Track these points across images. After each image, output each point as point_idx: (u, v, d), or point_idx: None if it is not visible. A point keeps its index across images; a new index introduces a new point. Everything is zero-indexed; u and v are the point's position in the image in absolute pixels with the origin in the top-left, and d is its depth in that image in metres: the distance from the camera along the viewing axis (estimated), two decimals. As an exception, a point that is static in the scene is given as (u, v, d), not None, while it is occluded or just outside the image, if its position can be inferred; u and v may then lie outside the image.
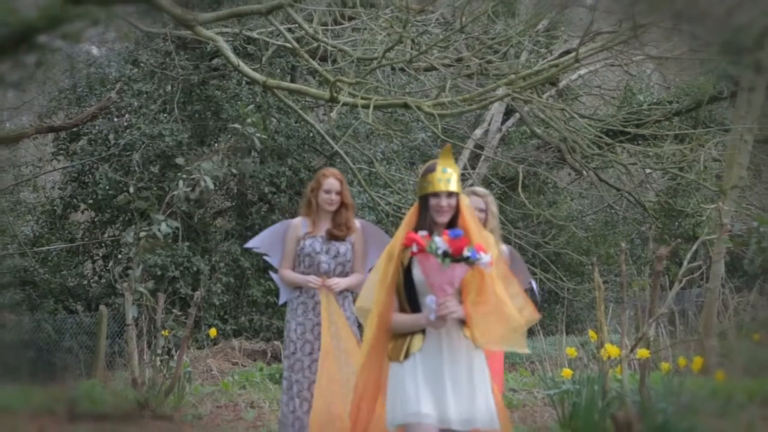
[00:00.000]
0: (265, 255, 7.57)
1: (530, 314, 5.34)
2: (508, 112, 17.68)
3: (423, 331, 5.10)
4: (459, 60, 12.88)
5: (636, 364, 9.05)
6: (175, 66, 13.43)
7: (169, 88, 13.91)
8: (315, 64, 11.28)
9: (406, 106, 10.63)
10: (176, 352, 9.30)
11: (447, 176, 5.18)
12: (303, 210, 7.48)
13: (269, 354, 12.64)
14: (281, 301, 7.58)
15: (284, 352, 7.33)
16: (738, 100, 14.20)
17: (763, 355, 12.65)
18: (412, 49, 11.64)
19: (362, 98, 10.40)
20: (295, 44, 11.09)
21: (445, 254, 4.82)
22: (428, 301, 4.92)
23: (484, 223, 6.83)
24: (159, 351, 9.14)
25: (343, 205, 7.31)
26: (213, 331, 10.96)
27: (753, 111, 13.88)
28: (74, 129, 13.97)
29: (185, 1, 10.13)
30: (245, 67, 10.67)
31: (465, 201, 5.31)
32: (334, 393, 6.86)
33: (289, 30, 11.45)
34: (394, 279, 5.15)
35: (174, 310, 11.37)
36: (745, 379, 10.71)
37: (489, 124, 17.68)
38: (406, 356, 5.08)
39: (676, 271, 10.54)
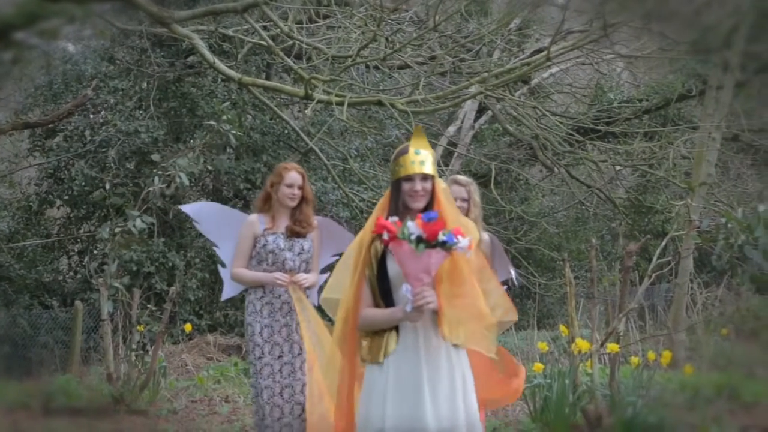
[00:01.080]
0: (214, 245, 7.26)
1: (505, 314, 4.99)
2: (481, 110, 17.80)
3: (396, 330, 4.68)
4: (432, 58, 12.98)
5: (606, 359, 9.19)
6: (150, 63, 13.46)
7: (144, 85, 13.93)
8: (290, 61, 11.34)
9: (380, 103, 10.70)
10: (151, 347, 9.34)
11: (421, 158, 4.77)
12: (259, 205, 7.07)
13: (244, 349, 12.69)
14: (225, 297, 7.40)
15: (250, 358, 6.97)
16: (706, 98, 14.40)
17: (730, 349, 12.84)
18: (386, 47, 11.72)
19: (337, 95, 10.48)
20: (271, 42, 11.16)
21: (419, 239, 4.40)
22: (403, 290, 4.49)
23: (467, 212, 6.51)
24: (134, 346, 9.19)
25: (303, 200, 6.98)
26: (188, 327, 11.02)
27: (721, 109, 14.06)
28: (50, 125, 13.95)
29: (160, -1, 10.18)
30: (221, 65, 10.73)
31: (441, 185, 4.89)
32: (329, 402, 6.28)
33: (265, 28, 11.52)
34: (364, 270, 4.74)
35: (149, 306, 11.43)
36: (712, 373, 10.88)
37: (462, 122, 17.79)
38: (385, 356, 4.64)
39: (645, 267, 10.69)
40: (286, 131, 14.09)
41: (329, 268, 7.62)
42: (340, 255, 7.70)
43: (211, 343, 12.75)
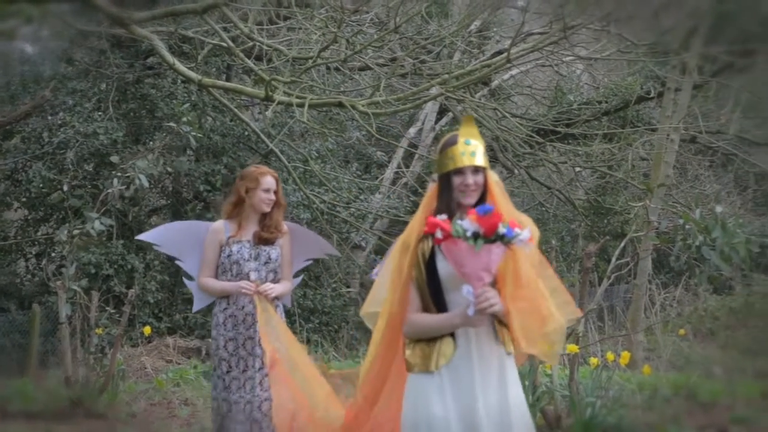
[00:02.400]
0: (177, 260, 6.94)
1: (572, 312, 4.52)
2: (442, 112, 17.85)
3: (452, 337, 4.29)
4: (393, 60, 12.99)
5: (565, 359, 9.23)
6: (110, 64, 13.38)
7: (103, 86, 13.83)
8: (250, 63, 11.31)
9: (340, 105, 10.70)
10: (110, 350, 9.28)
11: (471, 148, 4.36)
12: (227, 211, 6.81)
13: (204, 351, 12.66)
14: (196, 308, 7.07)
15: (214, 372, 6.70)
16: (664, 100, 14.54)
17: (688, 349, 12.94)
18: (346, 48, 11.73)
19: (297, 97, 10.47)
20: (231, 43, 11.13)
21: (476, 235, 4.02)
22: (465, 292, 4.06)
23: None
24: (92, 349, 9.12)
25: (276, 204, 6.76)
26: (147, 329, 10.96)
27: (679, 111, 14.21)
28: (7, 127, 13.83)
29: (120, 0, 10.12)
30: (180, 66, 10.68)
31: (493, 177, 4.50)
32: (295, 402, 6.08)
33: (225, 29, 11.49)
34: (411, 272, 4.34)
35: (108, 308, 11.35)
36: (670, 373, 10.97)
37: (423, 123, 17.83)
38: (437, 366, 4.26)
39: (604, 268, 10.75)
40: (246, 133, 14.05)
41: (304, 271, 7.54)
42: (312, 260, 7.47)
43: (170, 346, 12.69)
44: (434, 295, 4.29)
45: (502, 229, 4.02)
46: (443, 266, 4.25)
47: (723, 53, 13.26)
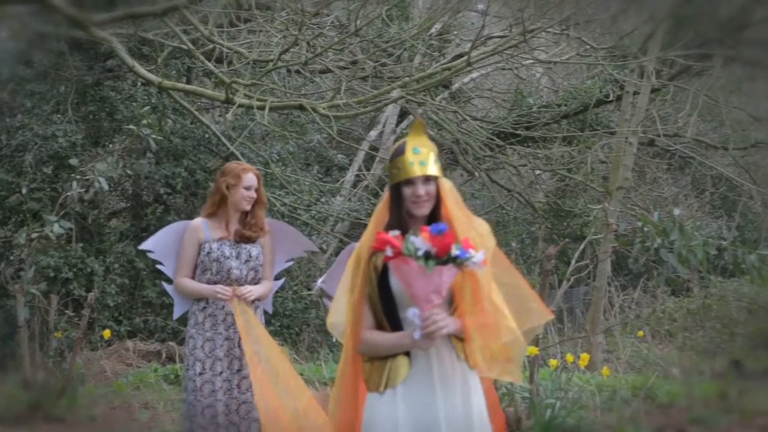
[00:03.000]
0: (159, 263, 6.72)
1: (540, 317, 4.35)
2: (403, 114, 17.87)
3: (408, 354, 4.11)
4: (354, 63, 13.03)
5: (525, 361, 9.28)
6: (68, 67, 13.30)
7: (62, 88, 13.73)
8: (211, 65, 11.31)
9: (301, 107, 10.71)
10: (69, 353, 9.22)
11: (421, 157, 4.13)
12: (208, 209, 6.62)
13: (164, 355, 12.60)
14: (177, 315, 6.82)
15: (187, 373, 6.44)
16: (623, 103, 14.68)
17: (646, 351, 13.05)
18: (307, 51, 11.73)
19: (258, 100, 10.46)
20: (191, 46, 11.11)
21: (428, 255, 3.83)
22: (410, 315, 3.91)
23: None
24: (51, 353, 9.08)
25: (258, 202, 6.59)
26: (107, 333, 10.89)
27: (637, 114, 14.35)
28: (-36, 129, 13.72)
29: (79, 2, 10.06)
30: (140, 69, 10.64)
31: (446, 185, 4.25)
32: (276, 408, 6.06)
33: (185, 31, 11.46)
34: (363, 290, 4.16)
35: (67, 312, 11.29)
36: (629, 375, 11.06)
37: (384, 126, 17.85)
38: (387, 386, 4.09)
39: (564, 270, 10.83)
40: (206, 135, 14.00)
41: (285, 273, 7.41)
42: (293, 260, 7.31)
43: (130, 350, 12.60)
44: (387, 312, 4.13)
45: (455, 251, 3.85)
46: (396, 283, 4.07)
47: (680, 57, 13.42)
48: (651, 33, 13.84)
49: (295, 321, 14.59)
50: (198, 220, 6.61)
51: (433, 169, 4.13)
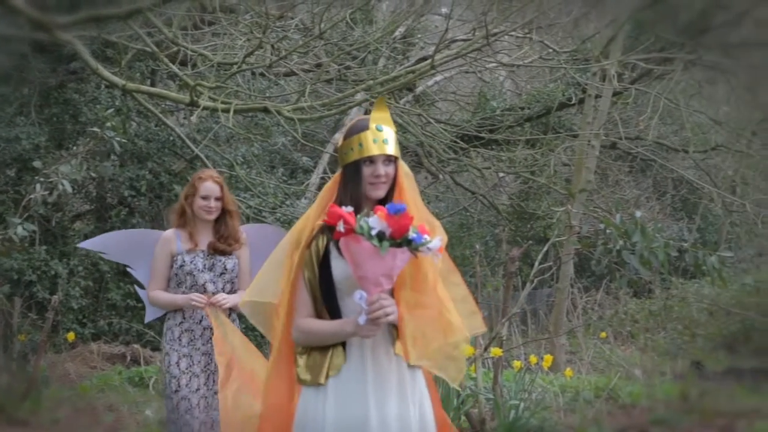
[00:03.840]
0: (129, 268, 6.56)
1: (477, 325, 4.12)
2: (367, 117, 17.92)
3: (342, 346, 3.86)
4: (318, 65, 13.04)
5: (490, 363, 9.35)
6: (31, 69, 13.23)
7: (25, 91, 13.67)
8: (175, 68, 11.29)
9: (266, 110, 10.71)
10: (33, 356, 9.20)
11: (383, 135, 3.87)
12: (175, 220, 6.35)
13: (128, 357, 12.57)
14: (148, 319, 6.64)
15: (165, 390, 6.21)
16: (585, 106, 14.82)
17: (609, 352, 13.17)
18: (271, 54, 11.74)
19: (222, 102, 10.46)
20: (155, 48, 11.09)
21: (381, 236, 3.56)
22: (357, 298, 3.64)
23: None
24: (15, 355, 9.05)
25: (225, 212, 6.31)
26: (71, 335, 10.87)
27: (599, 117, 14.49)
28: (-74, 132, 13.60)
29: (42, 4, 10.03)
30: (104, 71, 10.61)
31: (405, 169, 4.02)
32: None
33: (149, 34, 11.44)
34: (301, 271, 3.88)
35: (31, 315, 11.24)
36: (592, 376, 11.16)
37: (348, 129, 17.89)
38: (324, 379, 3.83)
39: (528, 272, 10.93)
40: (171, 138, 13.98)
41: None
42: None
43: (94, 352, 12.56)
44: (327, 299, 3.86)
45: (411, 233, 3.59)
46: (338, 266, 3.81)
47: (641, 61, 13.56)
48: (612, 37, 13.97)
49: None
50: (170, 232, 6.34)
51: (393, 149, 3.90)
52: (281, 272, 3.97)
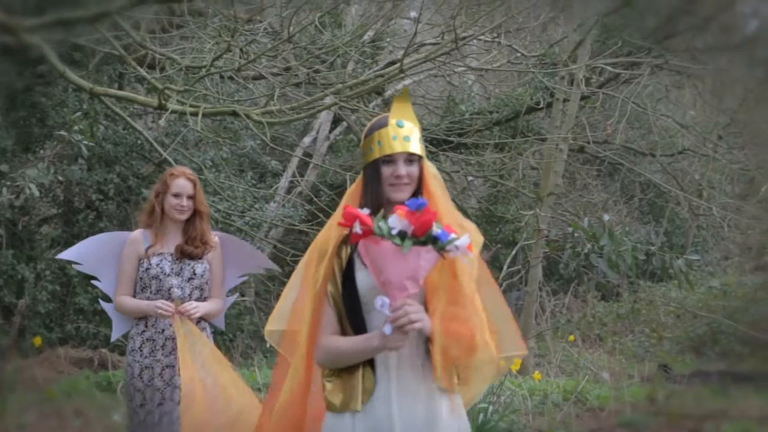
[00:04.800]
0: (94, 279, 6.07)
1: (513, 347, 3.75)
2: (336, 121, 17.92)
3: (372, 368, 3.49)
4: (287, 69, 13.02)
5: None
6: (-2, 72, 13.15)
7: (-9, 94, 13.60)
8: (143, 71, 11.24)
9: (235, 114, 10.69)
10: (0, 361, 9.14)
11: (405, 132, 3.54)
12: (144, 220, 6.00)
13: (96, 362, 12.51)
14: (115, 336, 6.14)
15: (129, 404, 5.82)
16: (553, 110, 14.91)
17: (577, 355, 13.23)
18: (240, 57, 11.72)
19: (191, 106, 10.43)
20: (123, 52, 11.04)
21: (403, 234, 3.22)
22: (378, 305, 3.27)
23: None
24: (-18, 361, 8.99)
25: (196, 213, 5.92)
26: (38, 340, 10.81)
27: (567, 121, 14.59)
28: None
29: (8, 7, 9.98)
30: (71, 74, 10.55)
31: (432, 169, 3.69)
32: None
33: (117, 37, 11.39)
34: (325, 286, 3.54)
35: (-3, 319, 11.16)
36: (560, 379, 11.21)
37: (317, 133, 17.88)
38: (353, 405, 3.47)
39: (496, 276, 10.96)
40: (139, 142, 13.92)
41: (237, 290, 6.75)
42: (247, 276, 6.67)
43: (62, 357, 12.50)
44: (352, 314, 3.51)
45: (435, 230, 3.23)
46: (363, 278, 3.48)
47: (609, 65, 13.65)
48: (580, 41, 14.08)
49: (229, 327, 14.55)
50: (138, 232, 5.97)
51: (417, 146, 3.58)
52: (303, 290, 3.68)
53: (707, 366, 13.52)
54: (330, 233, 3.61)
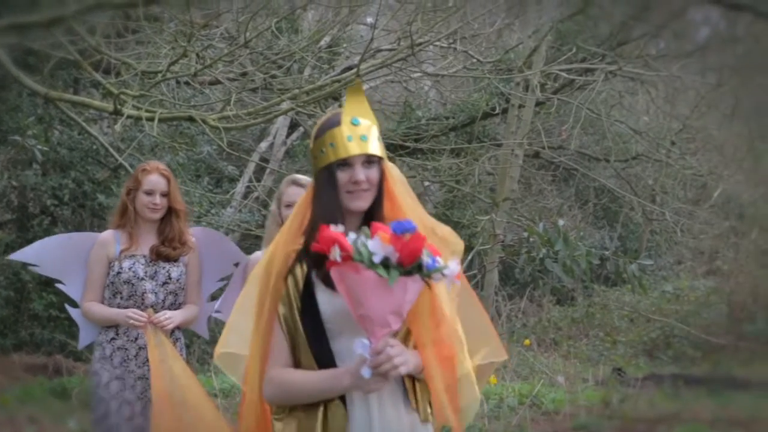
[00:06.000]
0: (58, 282, 5.61)
1: (493, 353, 3.35)
2: (293, 126, 17.90)
3: (342, 401, 3.00)
4: (244, 74, 13.02)
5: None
6: (-49, 76, 13.06)
7: (-55, 98, 13.48)
8: (98, 76, 11.20)
9: (191, 119, 10.66)
10: (-47, 368, 9.07)
11: (361, 131, 3.08)
12: (115, 220, 5.56)
13: (51, 368, 12.43)
14: (83, 344, 5.68)
15: (92, 416, 5.40)
16: (509, 116, 15.05)
17: (532, 359, 13.31)
18: (196, 62, 11.70)
19: (147, 111, 10.39)
20: (78, 56, 10.99)
21: (387, 263, 2.78)
22: (358, 349, 2.83)
23: None
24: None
25: (172, 211, 5.48)
26: (-9, 346, 10.75)
27: (523, 127, 14.72)
28: None
29: (-38, 11, 9.88)
30: (26, 79, 10.48)
31: (394, 172, 3.22)
32: None
33: (72, 42, 11.34)
34: (275, 308, 3.05)
35: (-51, 326, 11.06)
36: (516, 383, 11.28)
37: (274, 138, 17.86)
38: None
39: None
40: (94, 147, 13.85)
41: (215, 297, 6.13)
42: (225, 280, 5.96)
43: (16, 363, 12.42)
44: (314, 342, 3.02)
45: (426, 259, 2.82)
46: (326, 300, 3.01)
47: (564, 71, 13.78)
48: (535, 47, 14.20)
49: (185, 332, 14.52)
50: (108, 233, 5.54)
51: (375, 147, 3.11)
52: (251, 313, 3.15)
53: (660, 369, 13.66)
54: (276, 250, 3.13)
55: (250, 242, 15.65)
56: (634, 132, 16.67)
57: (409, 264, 2.79)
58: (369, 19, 16.15)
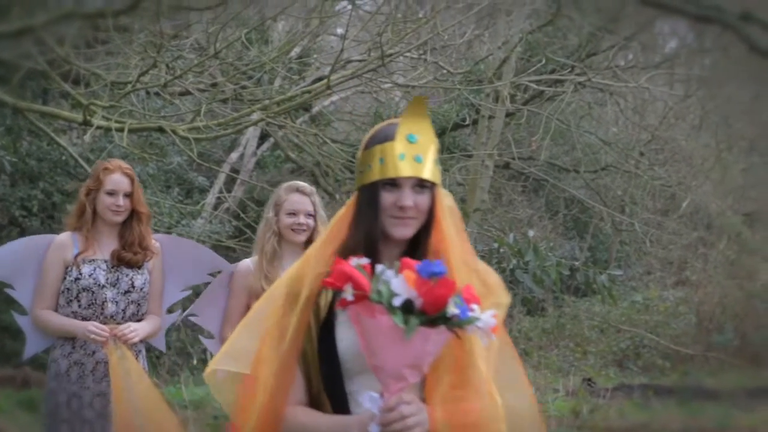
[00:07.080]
0: (8, 287, 5.15)
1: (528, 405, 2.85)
2: (263, 137, 17.88)
3: None
4: (214, 85, 12.99)
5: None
6: None
7: None
8: (67, 87, 11.15)
9: (161, 129, 10.64)
10: None
11: (417, 150, 2.65)
12: (72, 222, 5.11)
13: (19, 380, 12.34)
14: (29, 354, 5.31)
15: None
16: (479, 127, 15.10)
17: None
18: (166, 73, 11.67)
19: (116, 122, 10.36)
20: (47, 67, 10.95)
21: (409, 307, 2.37)
22: (365, 402, 2.53)
23: (312, 233, 5.01)
24: None
25: (134, 214, 5.06)
26: (-42, 359, 10.66)
27: (493, 137, 14.79)
28: None
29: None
30: (-6, 89, 10.45)
31: (446, 201, 2.77)
32: None
33: (41, 52, 11.29)
34: (298, 341, 2.67)
35: None
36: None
37: (244, 148, 17.82)
38: None
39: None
40: (63, 157, 13.78)
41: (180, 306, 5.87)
42: (190, 290, 5.64)
43: (-17, 375, 12.34)
44: (328, 382, 2.68)
45: (452, 309, 2.38)
46: (346, 337, 2.64)
47: (533, 82, 13.86)
48: (505, 59, 14.26)
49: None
50: (65, 235, 5.09)
51: (430, 171, 2.68)
52: (263, 339, 2.73)
53: (630, 380, 13.73)
54: (305, 270, 2.72)
55: (221, 253, 15.55)
56: (604, 143, 16.77)
57: (434, 312, 2.38)
58: (339, 30, 16.18)
